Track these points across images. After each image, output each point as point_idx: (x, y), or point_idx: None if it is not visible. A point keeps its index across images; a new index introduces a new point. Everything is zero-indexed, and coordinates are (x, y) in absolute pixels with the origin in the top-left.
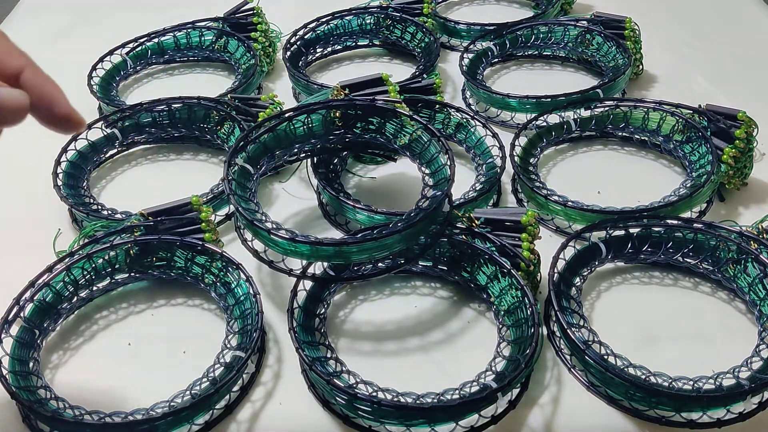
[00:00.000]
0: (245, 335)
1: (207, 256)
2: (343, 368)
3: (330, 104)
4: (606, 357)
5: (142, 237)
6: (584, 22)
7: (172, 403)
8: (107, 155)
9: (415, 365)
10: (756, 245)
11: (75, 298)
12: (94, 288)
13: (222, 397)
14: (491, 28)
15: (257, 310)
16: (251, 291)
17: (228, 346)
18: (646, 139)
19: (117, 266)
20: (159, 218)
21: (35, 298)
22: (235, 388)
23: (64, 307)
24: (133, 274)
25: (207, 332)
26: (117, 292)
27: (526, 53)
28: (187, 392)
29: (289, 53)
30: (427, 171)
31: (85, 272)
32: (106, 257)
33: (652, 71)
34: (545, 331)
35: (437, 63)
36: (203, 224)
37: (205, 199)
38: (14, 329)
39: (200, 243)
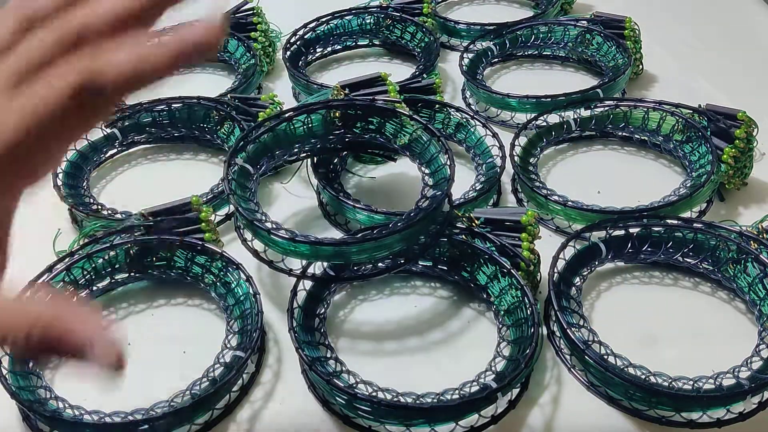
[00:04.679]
0: (245, 335)
1: (207, 256)
2: (343, 368)
3: (330, 104)
4: (606, 357)
5: (142, 237)
6: (584, 22)
7: (172, 403)
8: (107, 155)
9: (415, 365)
10: (756, 245)
11: (75, 298)
12: (94, 288)
13: (222, 397)
14: (491, 28)
15: (257, 310)
16: (251, 291)
17: (228, 346)
18: (646, 138)
19: (117, 266)
20: (159, 218)
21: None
22: (235, 388)
23: None
24: (133, 274)
25: (207, 332)
26: (117, 292)
27: (526, 53)
28: (187, 392)
29: (289, 53)
30: (427, 171)
31: (85, 272)
32: (106, 257)
33: (652, 71)
34: (545, 331)
35: (437, 63)
36: (203, 224)
37: (205, 199)
38: None
39: (200, 243)
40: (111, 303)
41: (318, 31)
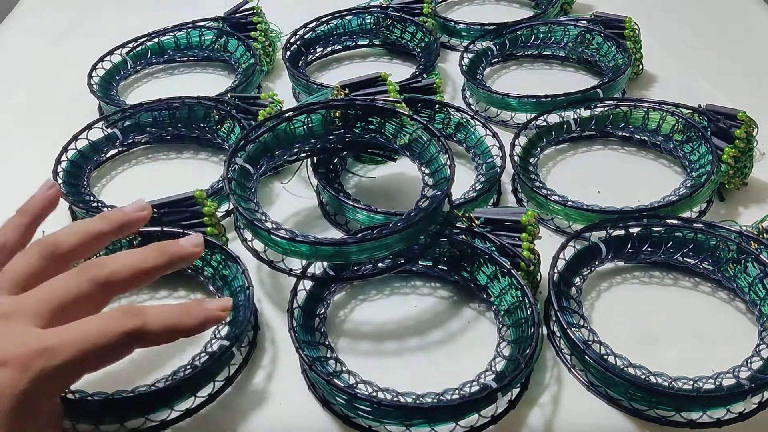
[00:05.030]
0: (234, 326)
1: (207, 249)
2: (343, 368)
3: (330, 104)
4: (606, 357)
5: (145, 228)
6: (584, 22)
7: (153, 387)
8: (108, 155)
9: (415, 365)
10: (756, 245)
11: None
12: None
13: (203, 384)
14: (491, 27)
15: (249, 302)
16: (245, 283)
17: (217, 336)
18: (646, 138)
19: None
20: (162, 210)
21: None
22: (220, 378)
23: None
24: None
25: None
26: None
27: (526, 53)
28: (170, 378)
29: (289, 53)
30: (427, 171)
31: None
32: (110, 247)
33: (652, 71)
34: (545, 331)
35: (437, 63)
36: (206, 218)
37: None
38: None
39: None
40: None
41: (318, 31)
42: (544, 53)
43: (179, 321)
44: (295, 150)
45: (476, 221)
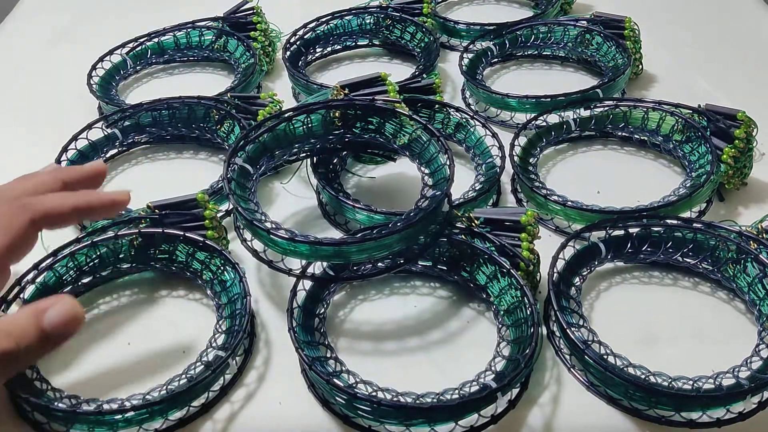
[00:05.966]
0: (231, 336)
1: (207, 253)
2: (343, 368)
3: (330, 104)
4: (605, 357)
5: (146, 229)
6: (584, 22)
7: (147, 397)
8: (108, 155)
9: (415, 365)
10: (755, 245)
11: (78, 283)
12: (98, 276)
13: (198, 395)
14: (491, 28)
15: (245, 311)
16: (243, 292)
17: (213, 345)
18: (646, 138)
19: (121, 255)
20: (164, 212)
21: (37, 280)
22: (215, 387)
23: (66, 292)
24: (135, 264)
25: (203, 328)
26: (121, 281)
27: (526, 53)
28: (164, 388)
29: (288, 53)
30: (427, 171)
31: (89, 259)
32: (111, 246)
33: (652, 71)
34: (545, 331)
35: (437, 63)
36: (206, 221)
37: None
38: (13, 309)
39: (202, 239)
40: (114, 290)
41: (318, 31)
42: (544, 53)
43: (78, 200)
44: (295, 150)
45: (476, 221)
